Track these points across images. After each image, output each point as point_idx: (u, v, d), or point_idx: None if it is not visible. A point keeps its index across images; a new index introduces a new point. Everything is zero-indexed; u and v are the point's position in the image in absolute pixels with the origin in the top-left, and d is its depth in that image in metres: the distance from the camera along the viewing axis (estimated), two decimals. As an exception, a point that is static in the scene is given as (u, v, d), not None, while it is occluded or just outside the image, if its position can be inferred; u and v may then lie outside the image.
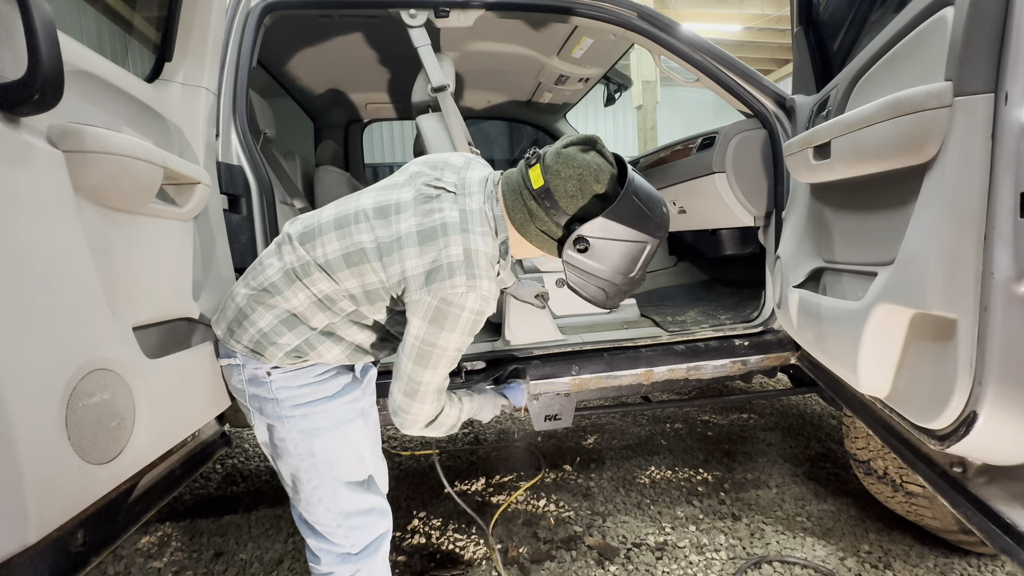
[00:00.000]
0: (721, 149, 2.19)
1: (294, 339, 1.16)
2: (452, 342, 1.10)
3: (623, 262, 1.15)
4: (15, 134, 0.77)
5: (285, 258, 1.17)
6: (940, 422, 1.00)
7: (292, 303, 1.16)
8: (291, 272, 1.16)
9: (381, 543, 1.29)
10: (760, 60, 10.24)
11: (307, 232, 1.18)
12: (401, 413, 1.17)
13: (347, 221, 1.15)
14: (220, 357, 1.26)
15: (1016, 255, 0.85)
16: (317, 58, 2.82)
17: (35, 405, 0.77)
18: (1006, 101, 0.86)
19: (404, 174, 1.24)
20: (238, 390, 1.25)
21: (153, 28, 1.39)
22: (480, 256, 1.09)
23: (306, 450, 1.21)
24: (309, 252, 1.15)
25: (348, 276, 1.14)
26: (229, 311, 1.21)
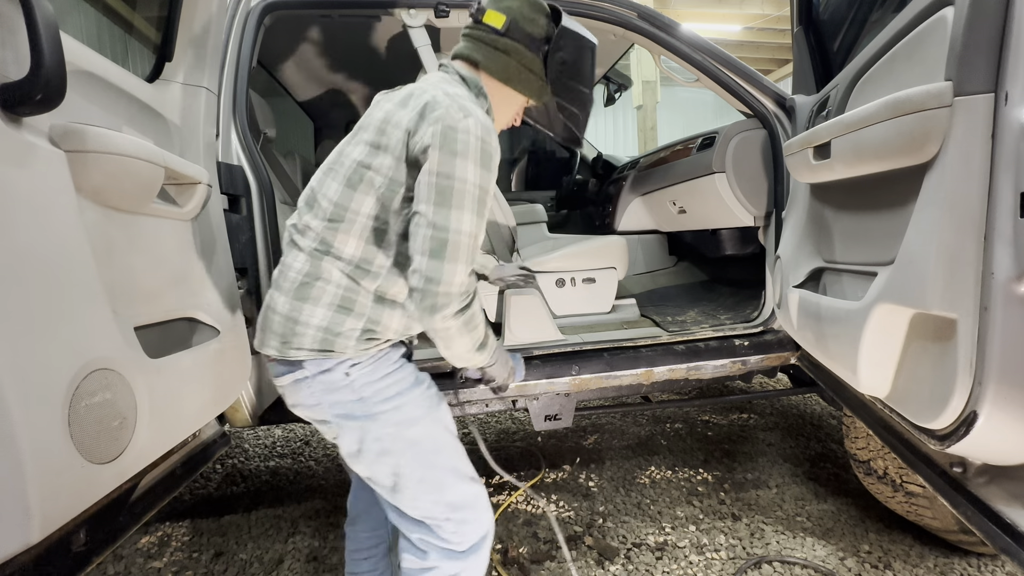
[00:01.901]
0: (721, 149, 2.20)
1: (357, 321, 1.09)
2: (469, 173, 1.00)
3: (590, 68, 1.26)
4: (17, 134, 0.78)
5: (302, 245, 1.11)
6: (940, 422, 1.00)
7: (332, 284, 1.08)
8: (315, 253, 1.09)
9: (484, 543, 1.19)
10: (760, 60, 10.25)
11: (306, 201, 1.14)
12: (430, 285, 1.00)
13: (332, 160, 1.14)
14: (279, 376, 1.14)
15: (1016, 255, 0.85)
16: (317, 58, 2.82)
17: (38, 405, 0.77)
18: (1006, 101, 0.86)
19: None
20: (312, 406, 1.13)
21: (153, 28, 1.39)
22: (464, 99, 1.08)
23: (406, 442, 1.13)
24: (317, 215, 1.10)
25: (360, 198, 1.07)
26: (275, 324, 1.11)
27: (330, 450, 2.94)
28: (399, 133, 1.05)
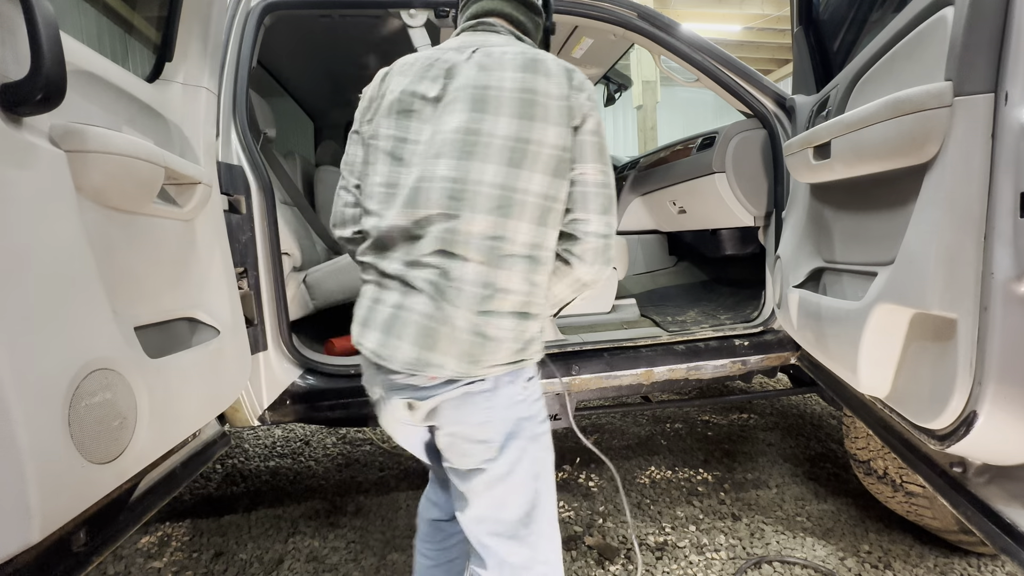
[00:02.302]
0: (721, 149, 2.20)
1: (536, 324, 0.99)
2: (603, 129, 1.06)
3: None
4: (18, 134, 0.78)
5: (466, 252, 0.93)
6: (940, 422, 1.00)
7: (514, 287, 0.95)
8: (490, 255, 0.93)
9: None
10: (760, 60, 10.25)
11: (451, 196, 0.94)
12: (607, 240, 1.01)
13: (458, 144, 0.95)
14: (438, 394, 0.97)
15: (1016, 255, 0.85)
16: (317, 58, 2.83)
17: (38, 405, 0.77)
18: (1006, 101, 0.86)
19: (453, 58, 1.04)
20: (478, 423, 0.98)
21: (153, 28, 1.39)
22: None
23: (549, 471, 1.04)
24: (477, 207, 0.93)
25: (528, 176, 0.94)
26: (461, 340, 0.93)
27: (330, 450, 2.94)
28: (555, 102, 0.96)
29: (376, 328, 0.97)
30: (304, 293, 1.94)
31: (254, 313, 1.64)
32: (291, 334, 1.76)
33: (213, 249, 1.40)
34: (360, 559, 1.93)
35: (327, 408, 1.80)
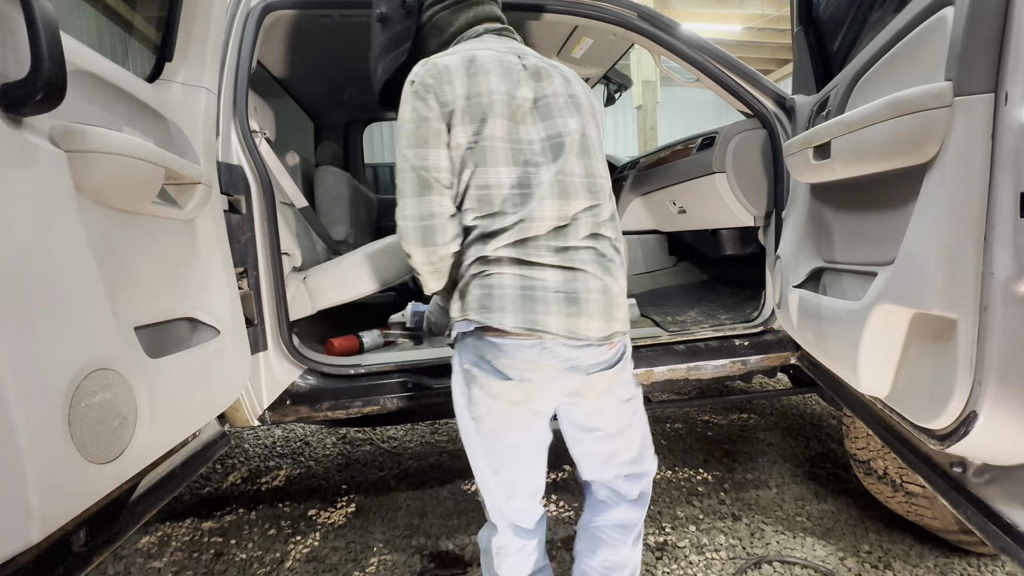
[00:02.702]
0: (721, 149, 2.20)
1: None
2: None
3: None
4: (18, 134, 0.78)
5: (603, 230, 1.13)
6: (940, 422, 1.00)
7: (619, 256, 1.16)
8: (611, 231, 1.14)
9: None
10: (760, 60, 10.25)
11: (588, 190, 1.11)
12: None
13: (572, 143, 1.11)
14: (613, 364, 1.13)
15: (1016, 255, 0.85)
16: (317, 58, 2.82)
17: (38, 405, 0.77)
18: (1006, 101, 0.86)
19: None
20: (625, 383, 1.18)
21: (153, 28, 1.39)
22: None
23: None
24: (599, 196, 1.13)
25: (603, 166, 1.18)
26: (622, 307, 1.10)
27: (330, 450, 2.94)
28: (590, 106, 1.18)
29: (556, 312, 1.01)
30: (304, 293, 1.94)
31: (254, 313, 1.64)
32: (291, 334, 1.76)
33: (213, 249, 1.40)
34: (360, 559, 1.93)
35: (327, 408, 1.80)
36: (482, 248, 1.04)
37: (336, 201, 2.87)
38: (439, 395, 1.85)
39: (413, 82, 1.08)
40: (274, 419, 1.78)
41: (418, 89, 1.06)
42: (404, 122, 1.07)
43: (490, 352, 1.04)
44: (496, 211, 1.04)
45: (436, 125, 1.05)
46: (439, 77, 1.06)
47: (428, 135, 1.05)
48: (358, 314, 2.57)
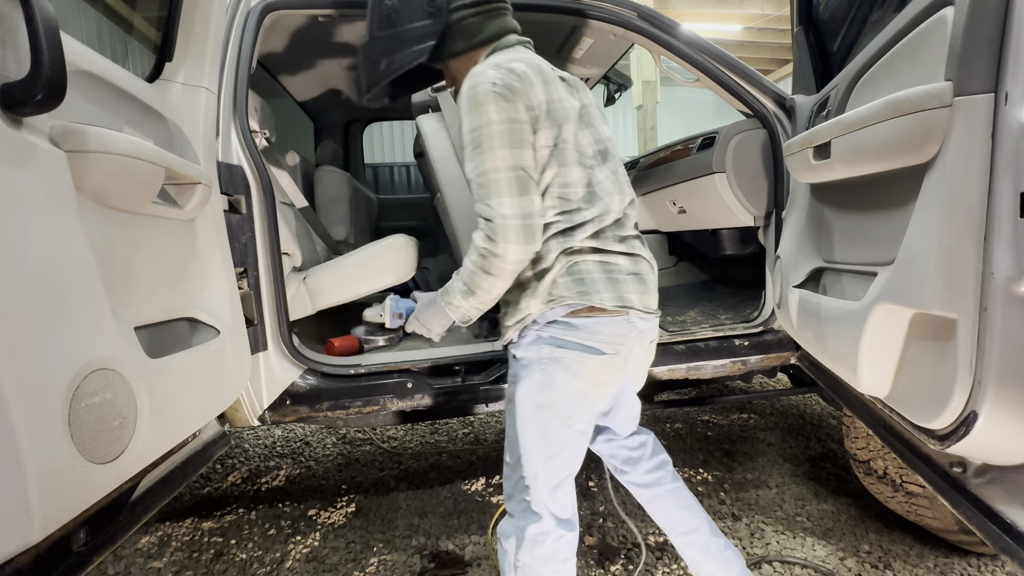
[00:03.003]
0: (721, 149, 2.19)
1: None
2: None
3: None
4: (18, 134, 0.78)
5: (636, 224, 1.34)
6: (940, 422, 1.00)
7: None
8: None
9: None
10: (760, 60, 10.25)
11: (620, 191, 1.26)
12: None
13: (607, 149, 1.29)
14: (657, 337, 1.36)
15: (1016, 255, 0.85)
16: (317, 58, 2.82)
17: (38, 405, 0.77)
18: (1006, 101, 0.86)
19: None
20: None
21: (153, 28, 1.39)
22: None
23: None
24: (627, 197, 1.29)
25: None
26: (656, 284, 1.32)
27: (330, 450, 2.94)
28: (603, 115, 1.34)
29: (633, 291, 1.19)
30: (304, 293, 1.94)
31: (254, 313, 1.64)
32: (291, 334, 1.76)
33: (213, 249, 1.41)
34: (360, 559, 1.93)
35: (327, 408, 1.80)
36: (567, 241, 1.15)
37: (336, 201, 2.87)
38: (439, 395, 1.85)
39: (495, 84, 1.09)
40: (274, 419, 1.78)
41: (504, 93, 1.09)
42: (491, 123, 1.09)
43: (581, 333, 1.15)
44: (575, 207, 1.16)
45: (527, 127, 1.11)
46: (523, 82, 1.11)
47: (523, 137, 1.10)
48: (358, 314, 2.58)
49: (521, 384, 1.20)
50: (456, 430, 3.13)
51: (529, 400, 1.18)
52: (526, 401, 1.18)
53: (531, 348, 1.18)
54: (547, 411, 1.17)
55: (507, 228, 1.08)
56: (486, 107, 1.09)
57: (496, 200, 1.08)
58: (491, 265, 1.11)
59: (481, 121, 1.09)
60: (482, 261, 1.12)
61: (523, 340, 1.20)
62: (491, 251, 1.10)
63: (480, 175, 1.10)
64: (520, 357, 1.20)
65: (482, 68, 1.14)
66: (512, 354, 1.25)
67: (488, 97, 1.08)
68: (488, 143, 1.08)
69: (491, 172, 1.09)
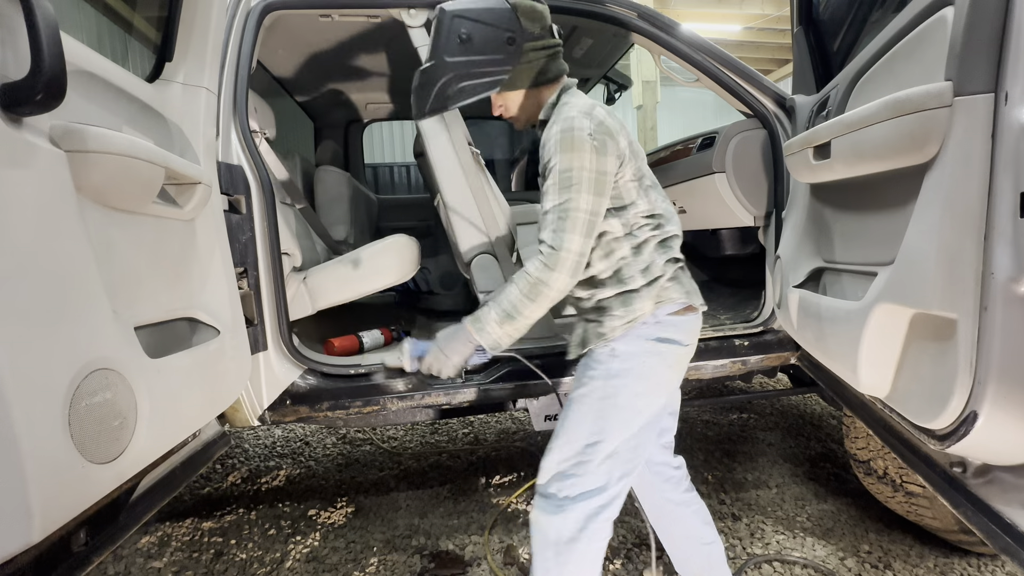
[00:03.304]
0: (721, 149, 2.20)
1: None
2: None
3: None
4: (18, 134, 0.78)
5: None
6: (940, 422, 1.00)
7: None
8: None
9: None
10: (760, 60, 10.25)
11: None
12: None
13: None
14: None
15: (1016, 255, 0.85)
16: (317, 58, 2.82)
17: (38, 405, 0.77)
18: (1006, 101, 0.86)
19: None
20: None
21: (153, 28, 1.39)
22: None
23: None
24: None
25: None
26: None
27: (330, 450, 2.94)
28: None
29: (695, 294, 1.38)
30: (304, 293, 1.94)
31: (254, 313, 1.64)
32: (291, 334, 1.76)
33: (213, 249, 1.41)
34: (360, 559, 1.93)
35: (327, 408, 1.80)
36: (667, 252, 1.34)
37: (336, 201, 2.87)
38: (439, 394, 1.85)
39: (592, 136, 1.19)
40: (274, 419, 1.78)
41: (599, 146, 1.19)
42: (583, 169, 1.18)
43: (677, 329, 1.31)
44: (661, 223, 1.34)
45: (611, 179, 1.23)
46: (612, 135, 1.22)
47: (606, 187, 1.22)
48: (358, 314, 2.58)
49: (618, 375, 1.29)
50: (456, 430, 3.13)
51: (627, 389, 1.28)
52: (624, 390, 1.28)
53: (635, 343, 1.29)
54: (643, 399, 1.29)
55: (568, 261, 1.19)
56: (583, 154, 1.18)
57: (569, 235, 1.19)
58: (539, 293, 1.21)
59: (574, 164, 1.18)
60: (531, 288, 1.21)
61: (625, 337, 1.30)
62: (543, 279, 1.20)
63: (563, 210, 1.19)
64: (620, 352, 1.30)
65: (574, 113, 1.22)
66: (605, 351, 1.31)
67: (585, 145, 1.18)
68: (578, 186, 1.18)
69: (573, 211, 1.18)
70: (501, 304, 1.24)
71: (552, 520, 1.26)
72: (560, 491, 1.28)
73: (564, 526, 1.25)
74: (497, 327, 1.25)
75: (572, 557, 1.25)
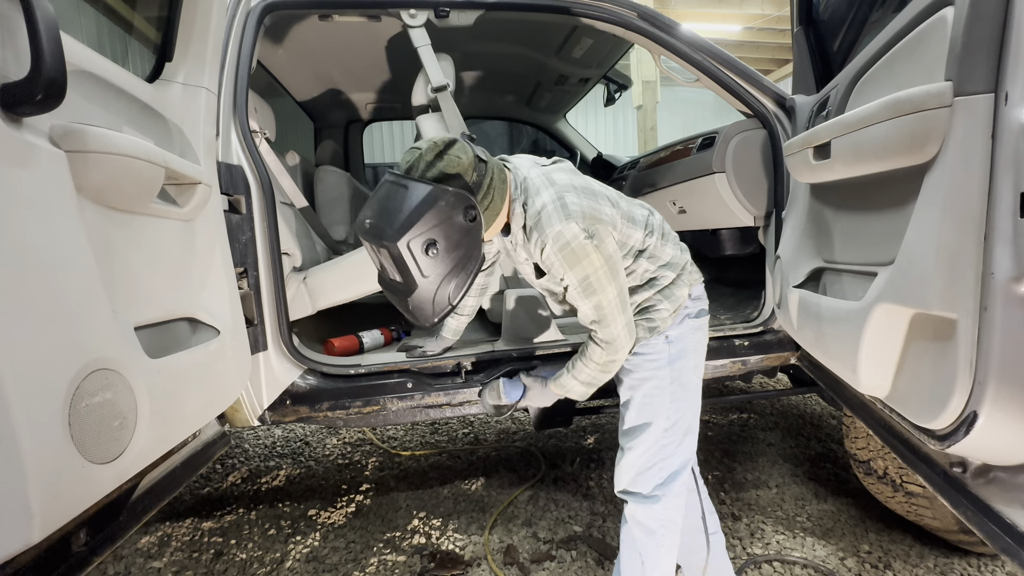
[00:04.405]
0: (721, 149, 2.20)
1: None
2: None
3: None
4: (18, 134, 0.78)
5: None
6: (940, 422, 1.00)
7: None
8: None
9: None
10: (760, 60, 10.24)
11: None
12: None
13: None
14: None
15: (1016, 255, 0.85)
16: (317, 58, 2.82)
17: (38, 405, 0.77)
18: (1006, 101, 0.86)
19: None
20: None
21: (153, 28, 1.39)
22: None
23: None
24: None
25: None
26: None
27: (330, 450, 2.94)
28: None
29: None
30: (304, 293, 1.94)
31: (254, 313, 1.64)
32: (291, 334, 1.76)
33: (213, 249, 1.41)
34: (360, 559, 1.93)
35: (327, 408, 1.80)
36: (670, 243, 1.41)
37: (336, 201, 2.87)
38: (439, 394, 1.85)
39: (587, 233, 1.18)
40: (274, 419, 1.78)
41: (597, 241, 1.20)
42: (597, 269, 1.20)
43: (702, 300, 1.45)
44: (652, 228, 1.38)
45: (619, 251, 1.27)
46: (595, 214, 1.21)
47: (618, 264, 1.26)
48: (358, 314, 2.58)
49: (679, 357, 1.38)
50: (456, 430, 3.13)
51: (689, 366, 1.39)
52: (687, 368, 1.39)
53: (682, 325, 1.39)
54: (699, 369, 1.44)
55: (622, 339, 1.27)
56: (589, 258, 1.19)
57: (613, 327, 1.25)
58: (611, 368, 1.31)
59: (588, 270, 1.20)
60: (601, 370, 1.31)
61: (674, 323, 1.39)
62: (612, 360, 1.29)
63: (598, 311, 1.24)
64: (673, 337, 1.38)
65: (555, 219, 1.18)
66: (659, 341, 1.38)
67: (586, 248, 1.18)
68: (599, 285, 1.21)
69: (606, 306, 1.23)
70: (579, 378, 1.35)
71: (651, 511, 1.36)
72: (648, 483, 1.36)
73: (664, 513, 1.36)
74: (582, 388, 1.37)
75: (667, 540, 1.36)
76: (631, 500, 1.39)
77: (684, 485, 1.40)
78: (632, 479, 1.38)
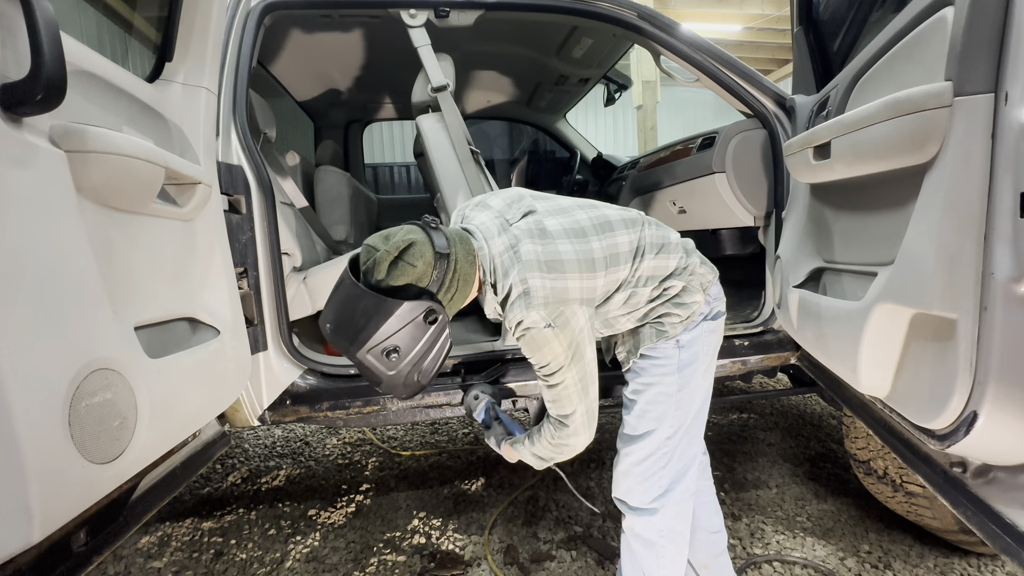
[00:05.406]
0: (721, 149, 2.20)
1: None
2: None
3: None
4: (18, 134, 0.78)
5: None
6: (940, 422, 1.00)
7: None
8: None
9: None
10: (760, 60, 10.24)
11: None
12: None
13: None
14: None
15: (1016, 255, 0.85)
16: (317, 58, 2.82)
17: (39, 405, 0.77)
18: (1006, 101, 0.86)
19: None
20: None
21: (153, 28, 1.39)
22: None
23: None
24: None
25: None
26: None
27: (330, 450, 2.94)
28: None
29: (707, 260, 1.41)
30: (304, 293, 1.94)
31: (254, 313, 1.64)
32: (291, 334, 1.76)
33: (213, 249, 1.40)
34: (360, 559, 1.93)
35: (327, 408, 1.80)
36: (673, 252, 1.32)
37: (336, 201, 2.87)
38: (439, 395, 1.85)
39: (547, 321, 1.11)
40: (274, 419, 1.78)
41: (560, 328, 1.12)
42: (557, 356, 1.14)
43: (717, 301, 1.38)
44: (640, 246, 1.30)
45: (588, 323, 1.18)
46: (562, 300, 1.13)
47: (585, 339, 1.17)
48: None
49: (689, 363, 1.33)
50: (456, 430, 3.13)
51: (698, 371, 1.33)
52: (696, 374, 1.33)
53: (695, 330, 1.32)
54: (709, 372, 1.37)
55: (577, 425, 1.23)
56: (550, 345, 1.13)
57: (567, 409, 1.21)
58: (564, 451, 1.28)
59: (549, 358, 1.15)
60: (554, 450, 1.29)
61: (687, 328, 1.34)
62: (564, 444, 1.26)
63: (554, 393, 1.21)
64: (685, 342, 1.32)
65: (519, 309, 1.12)
66: (670, 345, 1.33)
67: (546, 337, 1.12)
68: (559, 373, 1.16)
69: (562, 391, 1.19)
70: (533, 450, 1.35)
71: (649, 523, 1.32)
72: (645, 496, 1.32)
73: (663, 523, 1.31)
74: (532, 459, 1.38)
75: (669, 549, 1.33)
76: (627, 511, 1.35)
77: (686, 491, 1.34)
78: (628, 489, 1.34)
